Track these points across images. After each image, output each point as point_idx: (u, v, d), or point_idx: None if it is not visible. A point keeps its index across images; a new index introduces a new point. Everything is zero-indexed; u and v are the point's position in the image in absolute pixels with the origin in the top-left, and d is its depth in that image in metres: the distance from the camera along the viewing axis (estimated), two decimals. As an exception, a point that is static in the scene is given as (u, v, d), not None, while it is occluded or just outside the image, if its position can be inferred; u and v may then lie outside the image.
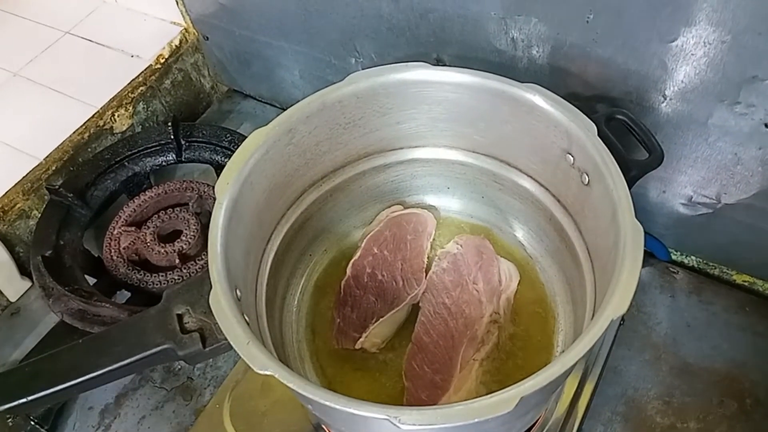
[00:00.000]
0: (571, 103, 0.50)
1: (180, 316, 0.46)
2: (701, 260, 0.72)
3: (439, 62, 0.68)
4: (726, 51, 0.51)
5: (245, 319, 0.42)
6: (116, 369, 0.45)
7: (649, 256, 0.72)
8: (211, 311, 0.42)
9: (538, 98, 0.50)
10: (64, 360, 0.46)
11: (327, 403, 0.37)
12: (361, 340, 0.57)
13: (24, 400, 0.44)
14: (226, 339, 0.40)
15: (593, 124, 0.48)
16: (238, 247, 0.48)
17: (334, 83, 0.53)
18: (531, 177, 0.58)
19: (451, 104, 0.55)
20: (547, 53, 0.60)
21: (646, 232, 0.41)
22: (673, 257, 0.73)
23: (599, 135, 0.48)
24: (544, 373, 0.37)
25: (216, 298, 0.42)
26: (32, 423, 0.63)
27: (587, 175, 0.49)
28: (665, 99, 0.57)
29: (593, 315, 0.47)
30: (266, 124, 0.51)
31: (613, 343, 0.64)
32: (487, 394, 0.50)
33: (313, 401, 0.38)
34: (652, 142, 0.51)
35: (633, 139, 0.53)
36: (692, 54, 0.53)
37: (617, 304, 0.39)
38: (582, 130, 0.48)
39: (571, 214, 0.54)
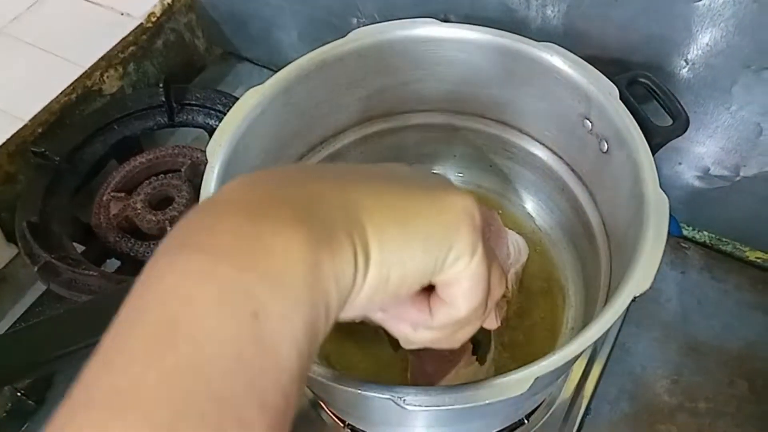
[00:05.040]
0: (589, 66, 0.47)
1: (169, 287, 0.43)
2: (714, 236, 0.69)
3: (446, 22, 0.65)
4: (757, 11, 0.47)
5: (239, 291, 0.39)
6: (101, 342, 0.42)
7: (659, 231, 0.70)
8: (202, 282, 0.39)
9: (556, 59, 0.47)
10: (46, 332, 0.43)
11: (326, 381, 0.34)
12: (361, 313, 0.55)
13: None
14: (218, 311, 0.38)
15: (615, 88, 0.45)
16: (232, 214, 0.45)
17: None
18: (544, 144, 0.55)
19: (461, 64, 0.52)
20: (562, 13, 0.57)
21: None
22: (684, 232, 0.70)
23: (621, 99, 0.45)
24: (561, 353, 0.34)
25: (207, 267, 0.39)
26: (18, 395, 0.61)
27: (606, 142, 0.46)
28: (687, 64, 0.54)
29: (608, 291, 0.45)
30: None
31: (623, 321, 0.62)
32: (493, 367, 0.48)
33: (310, 379, 0.35)
34: (677, 108, 0.48)
35: (654, 104, 0.50)
36: (720, 15, 0.49)
37: (640, 279, 0.36)
38: (603, 93, 0.45)
39: (586, 184, 0.52)
